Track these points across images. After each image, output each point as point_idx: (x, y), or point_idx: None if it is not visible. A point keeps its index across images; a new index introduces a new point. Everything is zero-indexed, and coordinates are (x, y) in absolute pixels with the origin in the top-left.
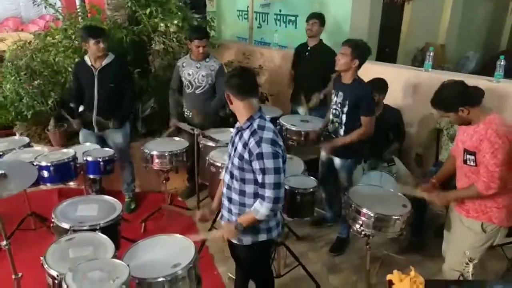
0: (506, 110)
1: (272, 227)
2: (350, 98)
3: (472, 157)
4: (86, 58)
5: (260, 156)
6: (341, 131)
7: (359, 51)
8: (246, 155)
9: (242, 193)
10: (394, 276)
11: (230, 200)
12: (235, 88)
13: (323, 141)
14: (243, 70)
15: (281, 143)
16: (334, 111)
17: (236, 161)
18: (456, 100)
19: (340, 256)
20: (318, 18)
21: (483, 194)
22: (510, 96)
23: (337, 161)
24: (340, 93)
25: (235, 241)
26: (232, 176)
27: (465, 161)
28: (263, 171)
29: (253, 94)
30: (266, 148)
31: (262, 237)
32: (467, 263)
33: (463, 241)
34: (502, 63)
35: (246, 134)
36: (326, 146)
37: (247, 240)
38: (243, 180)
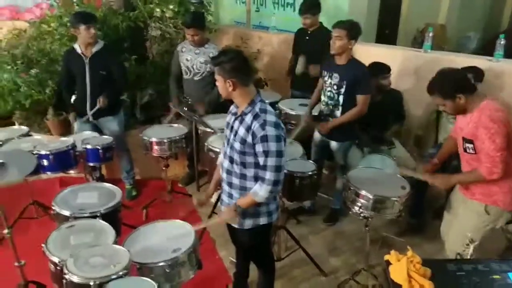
0: (505, 89)
1: (272, 211)
2: (348, 79)
3: (471, 145)
4: (76, 46)
5: (265, 138)
6: (338, 113)
7: (354, 31)
8: (249, 139)
9: (242, 176)
10: (391, 256)
11: (230, 184)
12: (242, 74)
13: (318, 122)
14: (239, 53)
15: (283, 126)
16: (328, 93)
17: (237, 145)
18: (453, 87)
19: (340, 238)
20: (309, 11)
21: (487, 178)
22: (510, 75)
23: (333, 144)
24: (335, 75)
25: (235, 225)
26: (232, 160)
27: (464, 150)
28: (266, 153)
29: (252, 77)
30: (270, 131)
31: (263, 220)
32: (467, 244)
33: (466, 223)
34: (502, 42)
35: (249, 118)
36: (322, 127)
37: (248, 224)
38: (243, 164)
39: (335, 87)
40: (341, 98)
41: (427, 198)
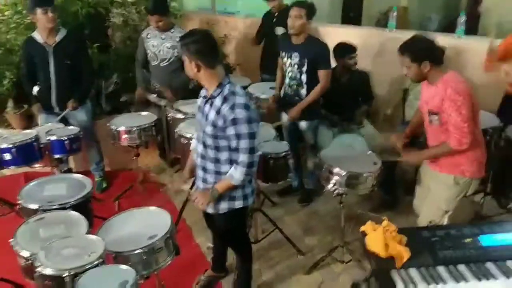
0: (467, 66)
1: (247, 194)
2: (309, 56)
3: (436, 117)
4: (35, 34)
5: (235, 121)
6: (303, 91)
7: (311, 11)
8: (220, 122)
9: (216, 161)
10: (367, 226)
11: (204, 169)
12: (205, 55)
13: (284, 107)
14: (206, 35)
15: (253, 107)
16: (290, 74)
17: (209, 129)
18: (424, 52)
19: (315, 218)
20: None
21: (457, 149)
22: (471, 52)
23: (302, 124)
24: (295, 54)
25: (210, 210)
26: (205, 145)
27: (430, 122)
28: (238, 136)
29: (219, 59)
30: (240, 113)
31: (238, 204)
32: (442, 215)
33: (438, 195)
34: (462, 20)
35: (218, 101)
36: (291, 113)
37: (223, 208)
38: (217, 148)
39: (296, 66)
40: (303, 77)
41: (397, 174)
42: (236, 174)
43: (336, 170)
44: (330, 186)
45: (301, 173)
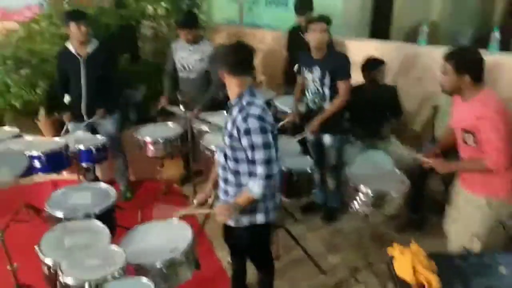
0: (499, 83)
1: (269, 208)
2: (330, 69)
3: (471, 137)
4: (69, 45)
5: (248, 131)
6: (326, 105)
7: (329, 24)
8: (234, 132)
9: (236, 172)
10: (394, 249)
11: (226, 181)
12: (229, 65)
13: (307, 121)
14: (239, 45)
15: (269, 119)
16: (312, 88)
17: (227, 139)
18: (470, 65)
19: (338, 236)
20: (300, 11)
21: (491, 169)
22: (505, 69)
23: (326, 139)
24: (316, 68)
25: (232, 223)
26: (226, 156)
27: (464, 141)
28: (252, 147)
29: (247, 71)
30: (252, 123)
31: (260, 218)
32: (473, 241)
33: (470, 218)
34: (496, 35)
35: (235, 111)
36: (310, 126)
37: (245, 222)
38: (236, 160)
39: (317, 80)
40: (326, 91)
41: (427, 193)
42: (254, 187)
43: (362, 188)
44: (355, 205)
45: (326, 190)
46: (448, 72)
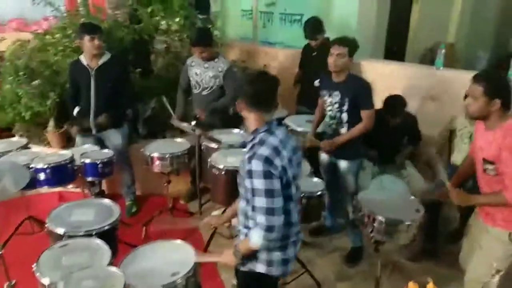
0: None
1: (273, 261)
2: (350, 95)
3: (492, 167)
4: (81, 57)
5: (250, 173)
6: (343, 130)
7: (354, 48)
8: (241, 172)
9: (245, 214)
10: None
11: (246, 216)
12: (247, 97)
13: (323, 141)
14: (260, 76)
15: (279, 163)
16: (330, 112)
17: (238, 177)
18: (502, 90)
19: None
20: (311, 36)
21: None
22: None
23: (343, 164)
24: (336, 93)
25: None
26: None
27: (484, 170)
28: (253, 192)
29: (266, 106)
30: (256, 165)
31: (260, 268)
32: (493, 275)
33: (490, 252)
34: None
35: (248, 147)
36: (324, 143)
37: (245, 265)
38: (247, 200)
39: (336, 105)
40: (344, 116)
41: (441, 221)
42: (254, 236)
43: (374, 215)
44: (367, 232)
45: (336, 213)
46: (477, 96)
